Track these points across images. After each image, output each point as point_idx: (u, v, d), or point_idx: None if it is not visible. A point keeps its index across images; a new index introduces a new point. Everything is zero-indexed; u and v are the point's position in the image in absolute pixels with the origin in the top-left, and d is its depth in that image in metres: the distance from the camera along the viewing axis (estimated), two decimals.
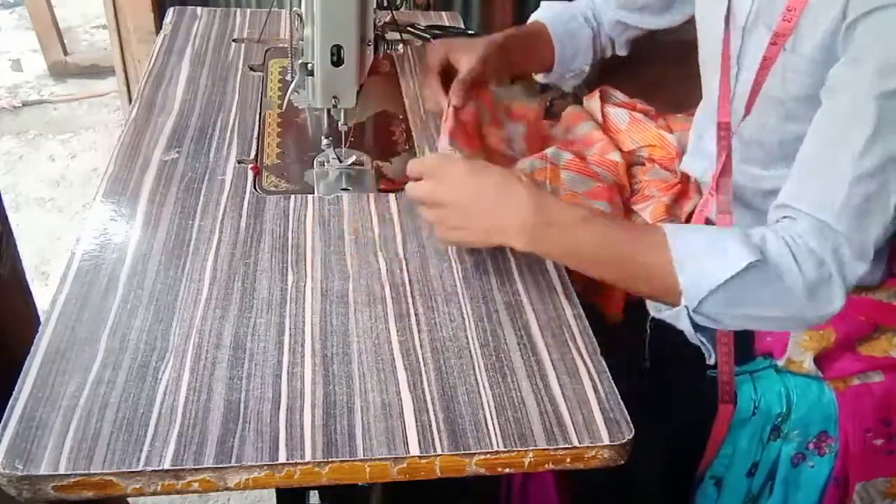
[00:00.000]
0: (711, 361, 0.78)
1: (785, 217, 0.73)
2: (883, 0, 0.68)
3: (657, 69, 1.48)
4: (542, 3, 1.14)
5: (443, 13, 1.42)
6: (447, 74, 1.01)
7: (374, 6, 0.87)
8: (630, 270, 0.72)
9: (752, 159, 0.89)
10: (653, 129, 1.10)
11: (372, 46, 0.87)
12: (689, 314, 0.71)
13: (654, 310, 0.77)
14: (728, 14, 0.86)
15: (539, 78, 1.16)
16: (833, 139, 0.71)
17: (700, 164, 0.97)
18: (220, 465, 0.57)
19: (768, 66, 0.81)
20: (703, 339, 0.75)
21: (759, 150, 0.88)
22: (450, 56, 1.01)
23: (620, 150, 1.09)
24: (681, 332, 0.86)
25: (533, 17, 1.13)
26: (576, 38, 1.11)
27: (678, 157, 1.04)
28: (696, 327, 0.72)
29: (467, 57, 0.99)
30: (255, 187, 0.89)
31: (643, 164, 1.09)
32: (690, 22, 0.98)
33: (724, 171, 0.89)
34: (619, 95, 1.13)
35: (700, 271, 0.69)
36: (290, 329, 0.70)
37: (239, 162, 0.93)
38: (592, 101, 1.12)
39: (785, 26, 0.77)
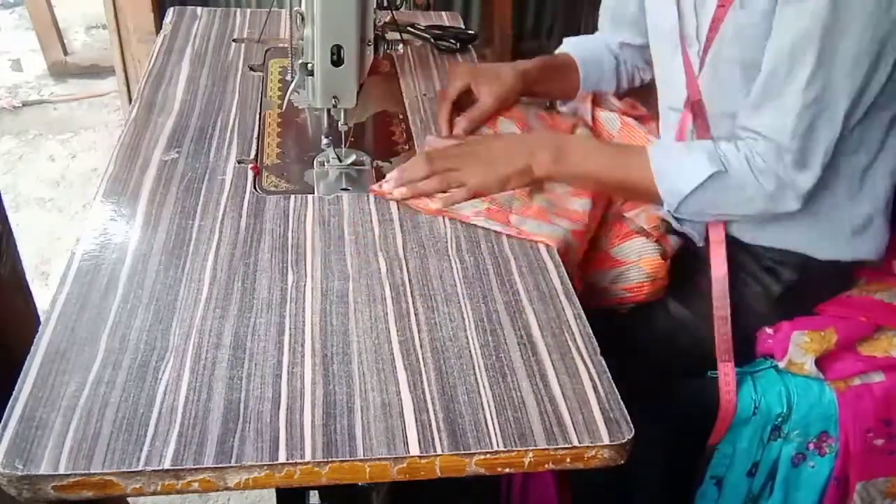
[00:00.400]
0: (700, 243, 0.93)
1: (747, 136, 0.84)
2: None
3: None
4: (565, 40, 1.17)
5: (443, 13, 1.42)
6: (464, 97, 1.03)
7: (374, 6, 0.87)
8: (628, 187, 0.91)
9: (724, 133, 0.90)
10: (643, 136, 1.10)
11: (372, 46, 0.87)
12: (672, 216, 0.89)
13: (655, 209, 0.92)
14: None
15: (561, 107, 1.17)
16: (782, 72, 0.80)
17: None
18: (220, 465, 0.57)
19: (717, 26, 0.85)
20: (687, 229, 0.92)
21: (730, 121, 0.89)
22: (472, 85, 1.02)
23: None
24: (682, 335, 0.86)
25: (559, 51, 1.15)
26: (600, 64, 1.13)
27: None
28: (680, 222, 0.91)
29: (488, 89, 1.01)
30: (255, 187, 0.89)
31: None
32: None
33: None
34: (613, 101, 1.14)
35: (672, 183, 0.86)
36: (290, 329, 0.69)
37: (239, 162, 0.93)
38: (585, 104, 1.13)
39: None
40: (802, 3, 0.76)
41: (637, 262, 0.90)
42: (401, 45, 0.96)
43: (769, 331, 0.90)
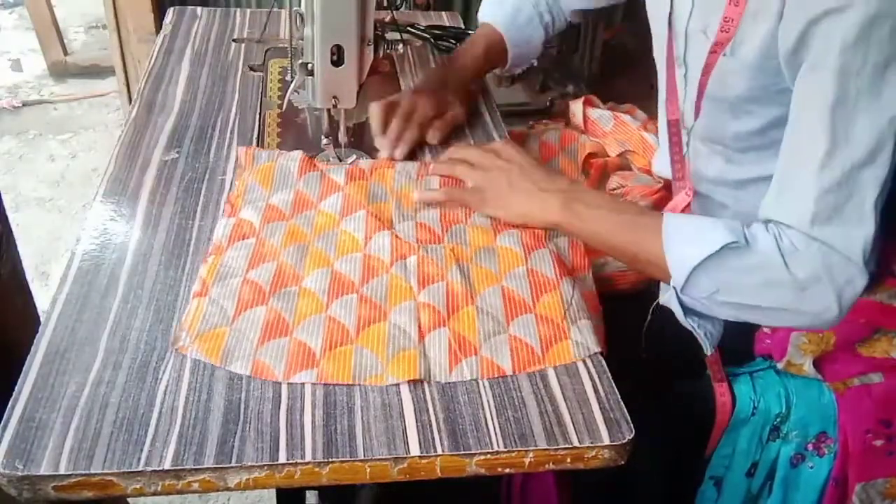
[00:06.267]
0: (708, 352, 0.80)
1: (777, 223, 0.75)
2: (833, 2, 0.68)
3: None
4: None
5: (443, 13, 1.42)
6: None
7: (374, 6, 0.87)
8: (635, 253, 0.79)
9: (714, 155, 0.91)
10: (635, 132, 1.11)
11: (372, 46, 0.87)
12: (678, 297, 0.75)
13: (661, 294, 0.80)
14: (671, 16, 0.88)
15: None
16: (794, 155, 0.73)
17: (666, 164, 0.98)
18: (221, 465, 0.57)
19: (709, 71, 0.83)
20: (694, 326, 0.78)
21: (718, 146, 0.90)
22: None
23: (606, 155, 1.11)
24: (679, 335, 0.86)
25: (486, 17, 1.13)
26: (530, 43, 1.13)
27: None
28: (688, 312, 0.77)
29: (453, 112, 1.00)
30: None
31: (630, 169, 1.10)
32: None
33: (679, 168, 0.90)
34: (601, 106, 1.18)
35: (681, 251, 0.74)
36: None
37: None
38: (576, 106, 1.17)
39: (723, 36, 0.80)
40: (813, 74, 0.71)
41: None
42: (401, 45, 0.96)
43: (767, 331, 0.90)
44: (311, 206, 0.84)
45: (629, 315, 0.86)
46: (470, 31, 1.31)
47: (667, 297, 0.77)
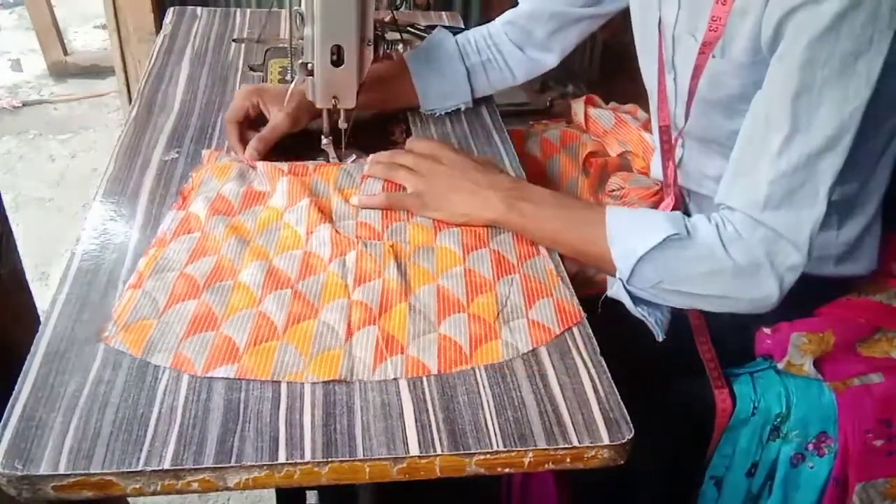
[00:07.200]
0: (659, 339, 0.80)
1: (723, 209, 0.77)
2: None
3: None
4: (432, 37, 1.10)
5: (443, 13, 1.42)
6: (256, 120, 0.96)
7: (374, 6, 0.87)
8: (582, 249, 0.80)
9: (713, 154, 0.91)
10: (635, 132, 1.11)
11: (372, 46, 0.88)
12: (625, 287, 0.77)
13: (609, 287, 0.81)
14: (660, 21, 0.88)
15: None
16: (754, 140, 0.74)
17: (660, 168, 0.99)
18: (220, 465, 0.57)
19: (699, 73, 0.83)
20: (644, 314, 0.78)
21: (715, 145, 0.90)
22: (261, 104, 0.95)
23: (607, 154, 1.11)
24: (680, 334, 0.86)
25: (408, 53, 1.09)
26: (444, 77, 1.07)
27: None
28: (638, 301, 0.78)
29: (278, 108, 0.93)
30: None
31: (630, 171, 1.11)
32: None
33: (669, 173, 0.90)
34: (603, 105, 1.18)
35: (625, 245, 0.75)
36: None
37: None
38: (578, 105, 1.17)
39: (711, 35, 0.80)
40: (781, 62, 0.71)
41: None
42: (401, 45, 0.96)
43: (767, 331, 0.90)
44: (259, 200, 0.85)
45: (629, 315, 0.87)
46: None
47: (615, 290, 0.78)
